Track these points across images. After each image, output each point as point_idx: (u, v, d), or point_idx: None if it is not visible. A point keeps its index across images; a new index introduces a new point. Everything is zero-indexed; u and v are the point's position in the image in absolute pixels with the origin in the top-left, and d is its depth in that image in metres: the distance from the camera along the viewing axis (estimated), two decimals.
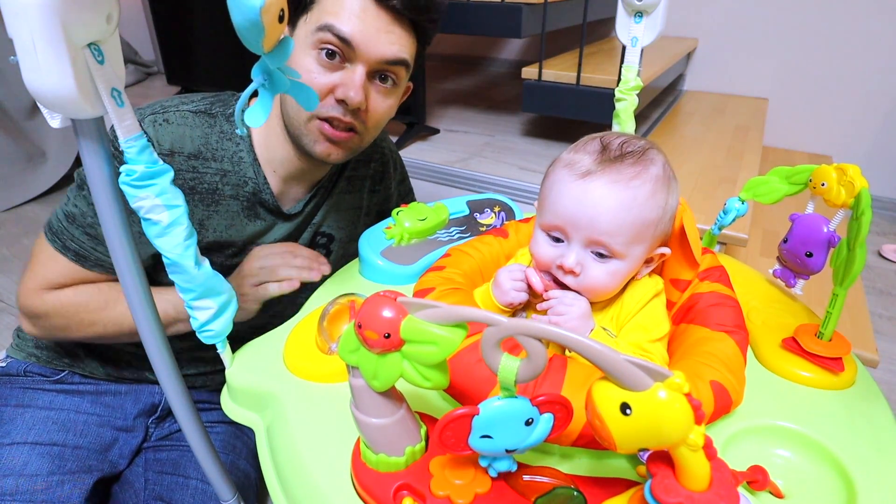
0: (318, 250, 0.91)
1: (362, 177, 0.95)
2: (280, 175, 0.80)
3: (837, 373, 0.54)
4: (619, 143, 0.56)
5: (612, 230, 0.53)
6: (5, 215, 2.19)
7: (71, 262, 0.74)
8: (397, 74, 0.74)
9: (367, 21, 0.67)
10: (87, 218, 0.73)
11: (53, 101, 0.37)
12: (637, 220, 0.53)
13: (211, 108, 0.77)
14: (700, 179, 1.49)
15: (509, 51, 3.09)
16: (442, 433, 0.35)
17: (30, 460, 0.74)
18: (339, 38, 0.67)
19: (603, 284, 0.55)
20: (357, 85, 0.69)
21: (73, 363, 0.87)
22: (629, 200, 0.52)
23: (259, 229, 0.81)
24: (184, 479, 0.83)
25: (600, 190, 0.53)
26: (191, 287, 0.52)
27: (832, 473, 0.46)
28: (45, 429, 0.79)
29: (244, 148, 0.77)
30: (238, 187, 0.78)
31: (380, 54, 0.69)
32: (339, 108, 0.71)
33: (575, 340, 0.30)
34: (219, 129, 0.76)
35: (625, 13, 0.72)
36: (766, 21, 2.32)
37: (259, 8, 0.36)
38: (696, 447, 0.29)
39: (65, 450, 0.78)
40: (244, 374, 0.58)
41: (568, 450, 0.46)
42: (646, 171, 0.54)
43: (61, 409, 0.82)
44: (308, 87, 0.49)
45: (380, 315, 0.36)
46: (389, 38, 0.69)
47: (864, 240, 0.51)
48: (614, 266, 0.54)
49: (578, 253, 0.54)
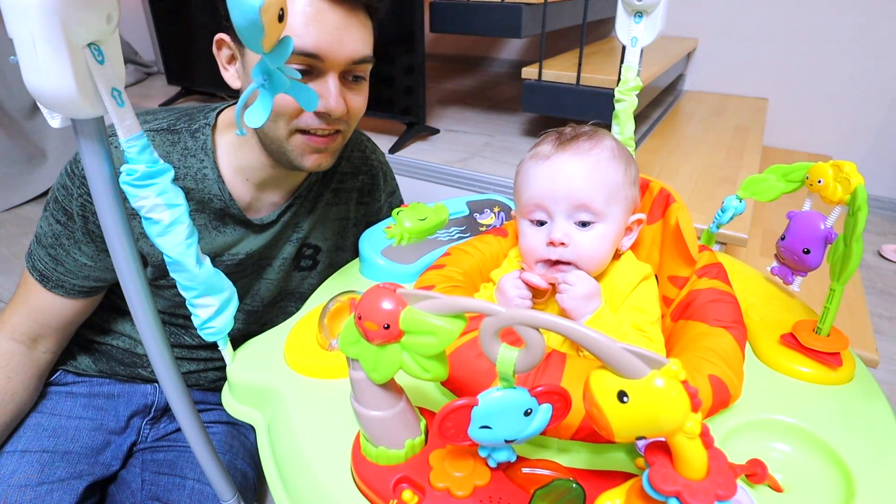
0: (304, 262, 0.90)
1: (349, 189, 0.92)
2: (253, 182, 0.78)
3: (835, 368, 0.55)
4: (570, 130, 0.62)
5: (588, 192, 0.57)
6: (5, 215, 2.19)
7: (36, 283, 0.75)
8: (364, 70, 0.72)
9: (326, 24, 0.65)
10: (48, 238, 0.74)
11: (53, 101, 0.37)
12: (606, 180, 0.58)
13: (175, 124, 0.75)
14: (700, 179, 1.49)
15: (509, 51, 3.09)
16: (441, 424, 0.35)
17: (18, 469, 0.74)
18: (304, 55, 0.64)
19: (593, 251, 0.58)
20: (335, 94, 0.67)
21: (65, 361, 0.87)
22: (593, 164, 0.58)
23: (229, 240, 0.79)
24: (181, 479, 0.83)
25: (567, 162, 0.59)
26: (192, 285, 0.52)
27: (830, 467, 0.47)
28: (36, 436, 0.78)
29: (208, 165, 0.75)
30: (202, 203, 0.76)
31: (347, 55, 0.67)
32: (319, 121, 0.69)
33: (571, 329, 0.30)
34: (182, 146, 0.74)
35: (625, 13, 0.73)
36: (766, 21, 2.33)
37: (259, 8, 0.37)
38: (692, 435, 0.29)
39: (55, 456, 0.77)
40: (245, 371, 0.59)
41: (567, 443, 0.47)
42: (600, 143, 0.60)
43: (52, 413, 0.82)
44: (308, 88, 0.49)
45: (379, 306, 0.36)
46: (351, 35, 0.67)
47: (861, 235, 0.51)
48: (599, 231, 0.58)
49: (563, 225, 0.58)
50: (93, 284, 0.77)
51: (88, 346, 0.88)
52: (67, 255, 0.74)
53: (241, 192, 0.78)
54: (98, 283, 0.78)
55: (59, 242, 0.74)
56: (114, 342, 0.88)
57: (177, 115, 0.77)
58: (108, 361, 0.88)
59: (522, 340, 0.33)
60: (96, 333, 0.88)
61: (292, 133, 0.69)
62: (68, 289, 0.76)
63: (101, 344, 0.88)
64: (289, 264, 0.88)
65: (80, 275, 0.75)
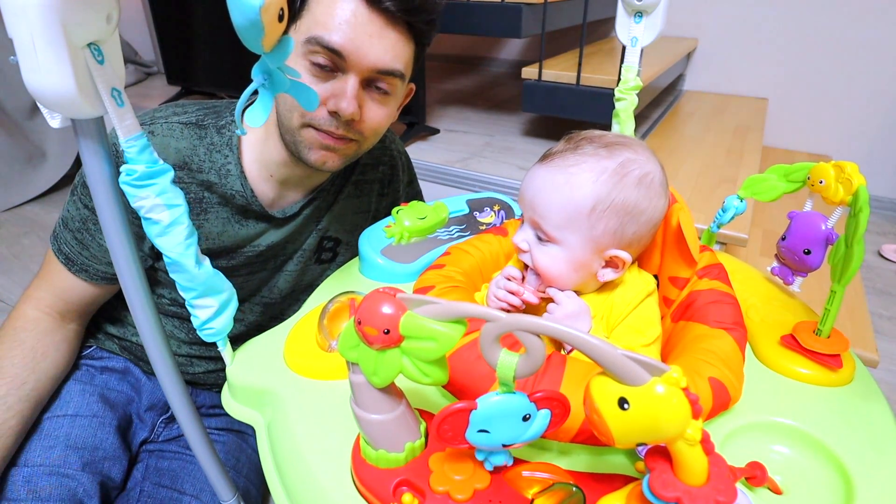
0: (324, 254, 0.91)
1: (370, 181, 0.93)
2: (277, 179, 0.79)
3: (835, 369, 0.55)
4: (584, 135, 0.57)
5: (542, 211, 0.55)
6: (5, 215, 2.19)
7: (62, 265, 0.76)
8: (391, 84, 0.71)
9: (359, 27, 0.64)
10: (75, 222, 0.75)
11: (53, 101, 0.37)
12: (567, 205, 0.54)
13: (203, 119, 0.76)
14: (700, 179, 1.49)
15: (509, 51, 3.09)
16: (440, 427, 0.35)
17: (71, 431, 0.76)
18: (329, 50, 0.64)
19: (546, 267, 0.56)
20: (349, 96, 0.67)
21: (96, 335, 0.89)
22: (561, 184, 0.54)
23: (251, 233, 0.81)
24: (179, 494, 0.82)
25: (539, 171, 0.56)
26: (192, 286, 0.52)
27: (830, 469, 0.46)
28: (84, 401, 0.80)
29: (232, 161, 0.76)
30: (225, 198, 0.77)
31: (371, 63, 0.66)
32: (332, 121, 0.68)
33: (572, 335, 0.30)
34: (208, 140, 0.75)
35: (625, 13, 0.73)
36: (766, 21, 2.32)
37: (259, 7, 0.37)
38: (693, 441, 0.29)
39: (104, 421, 0.80)
40: (245, 372, 0.59)
41: (567, 446, 0.46)
42: (595, 161, 0.54)
43: (91, 383, 0.84)
44: (308, 88, 0.49)
45: (379, 311, 0.36)
46: (383, 45, 0.66)
47: (862, 236, 0.51)
48: (553, 250, 0.56)
49: (526, 232, 0.58)
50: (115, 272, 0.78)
51: (111, 338, 0.90)
52: (93, 239, 0.75)
53: (263, 188, 0.79)
54: None
55: (86, 227, 0.74)
56: (133, 338, 0.89)
57: (204, 111, 0.77)
58: (130, 355, 0.90)
59: (522, 345, 0.33)
60: (118, 327, 0.89)
61: (304, 126, 0.70)
62: (92, 273, 0.77)
63: (121, 339, 0.89)
64: (308, 256, 0.89)
65: (105, 260, 0.76)
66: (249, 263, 0.83)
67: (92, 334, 0.89)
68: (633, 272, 0.61)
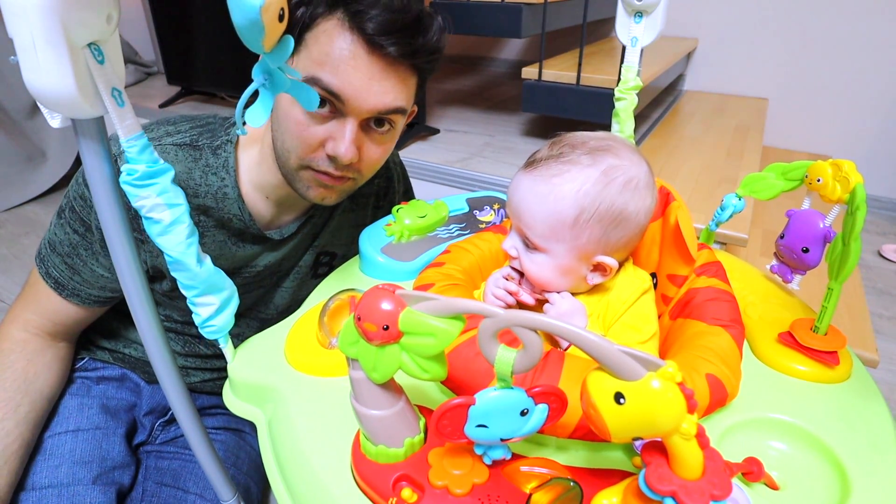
0: (321, 269, 0.90)
1: (366, 194, 0.92)
2: (273, 200, 0.78)
3: (833, 366, 0.55)
4: (567, 141, 0.56)
5: (528, 221, 0.55)
6: (5, 215, 2.19)
7: (51, 290, 0.75)
8: (393, 121, 0.69)
9: (359, 70, 0.62)
10: (64, 247, 0.73)
11: (53, 101, 0.37)
12: (550, 217, 0.53)
13: (197, 139, 0.74)
14: (700, 179, 1.49)
15: (509, 51, 3.10)
16: (438, 422, 0.35)
17: (76, 447, 0.76)
18: (327, 91, 0.62)
19: (535, 274, 0.57)
20: (348, 141, 0.65)
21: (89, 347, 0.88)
22: (544, 195, 0.54)
23: (248, 254, 0.80)
24: (182, 492, 0.82)
25: (524, 180, 0.56)
26: (193, 284, 0.52)
27: (827, 466, 0.47)
28: (83, 415, 0.80)
29: (229, 183, 0.74)
30: (222, 221, 0.75)
31: (371, 106, 0.64)
32: (330, 163, 0.67)
33: (569, 331, 0.30)
34: (203, 162, 0.73)
35: (625, 13, 0.73)
36: (766, 21, 2.33)
37: (259, 7, 0.37)
38: (688, 436, 0.29)
39: (106, 432, 0.80)
40: (246, 369, 0.59)
41: (565, 441, 0.47)
42: (578, 170, 0.53)
43: (89, 395, 0.83)
44: (309, 88, 0.49)
45: (378, 307, 0.36)
46: (383, 88, 0.64)
47: (859, 234, 0.51)
48: (540, 258, 0.56)
49: (514, 238, 0.58)
50: (108, 295, 0.78)
51: (104, 349, 0.89)
52: (84, 265, 0.74)
53: (260, 210, 0.78)
54: (114, 294, 0.78)
55: (76, 252, 0.73)
56: (126, 350, 0.88)
57: (199, 129, 0.75)
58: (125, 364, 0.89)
59: (520, 341, 0.33)
60: (111, 341, 0.88)
61: (303, 167, 0.69)
62: (84, 297, 0.76)
63: (113, 352, 0.88)
64: (305, 273, 0.89)
65: (97, 285, 0.75)
66: (246, 283, 0.83)
67: (84, 346, 0.88)
68: (629, 270, 0.61)
